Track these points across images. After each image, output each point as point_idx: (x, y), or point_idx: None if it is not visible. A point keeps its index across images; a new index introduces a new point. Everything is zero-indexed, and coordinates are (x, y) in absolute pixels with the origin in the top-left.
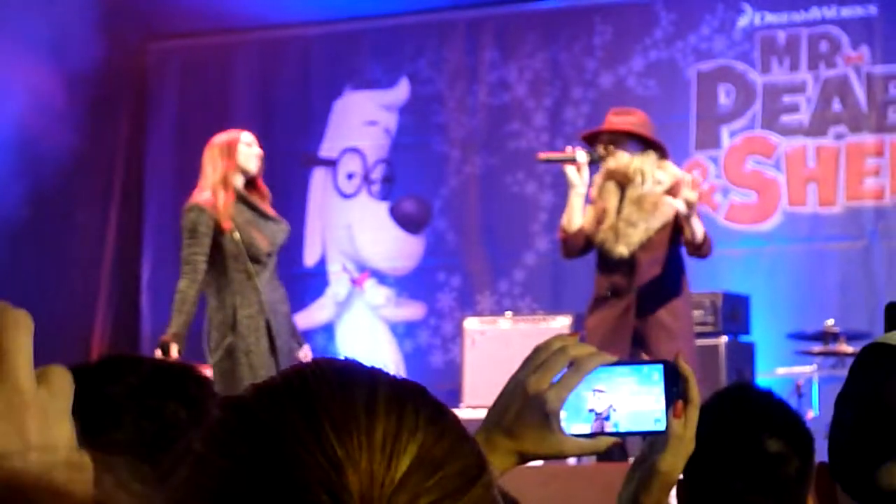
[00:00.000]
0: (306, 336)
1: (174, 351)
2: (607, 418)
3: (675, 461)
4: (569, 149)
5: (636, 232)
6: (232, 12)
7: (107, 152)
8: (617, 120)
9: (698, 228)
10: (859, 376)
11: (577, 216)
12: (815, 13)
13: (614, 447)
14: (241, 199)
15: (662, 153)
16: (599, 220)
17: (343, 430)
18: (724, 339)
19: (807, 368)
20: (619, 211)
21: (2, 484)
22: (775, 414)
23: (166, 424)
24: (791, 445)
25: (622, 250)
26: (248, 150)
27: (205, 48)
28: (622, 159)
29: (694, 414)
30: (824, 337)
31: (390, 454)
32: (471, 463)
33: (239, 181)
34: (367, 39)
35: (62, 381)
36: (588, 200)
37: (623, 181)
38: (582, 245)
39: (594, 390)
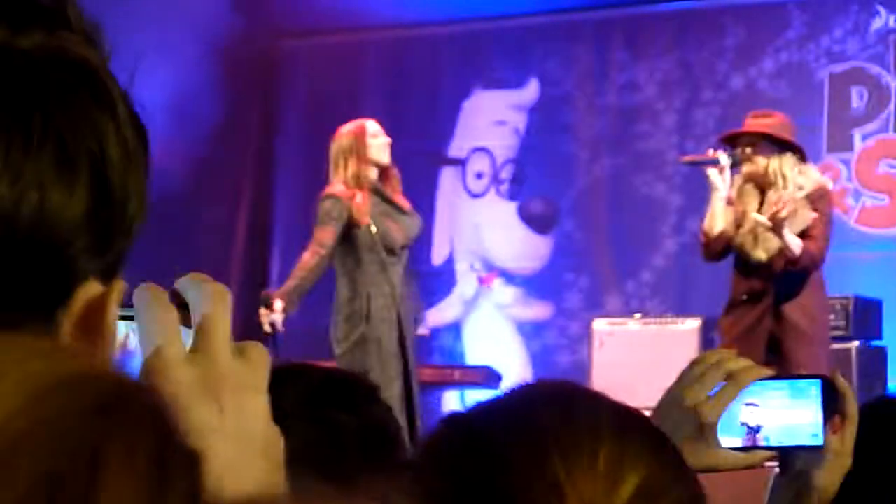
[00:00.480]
0: (434, 334)
1: (277, 305)
2: (758, 431)
3: (832, 478)
4: (710, 151)
5: (776, 237)
6: (361, 11)
7: (238, 150)
8: (755, 122)
9: (792, 242)
10: None
11: (719, 220)
12: None
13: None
14: (375, 191)
15: (802, 156)
16: (739, 223)
17: (567, 453)
18: (855, 343)
19: None
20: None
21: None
22: None
23: (337, 433)
24: None
25: (761, 255)
26: (376, 142)
27: (334, 46)
28: (761, 162)
29: (852, 430)
30: None
31: (613, 481)
32: (690, 494)
33: (373, 174)
34: (496, 39)
35: (260, 356)
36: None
37: (763, 184)
38: (722, 248)
39: (747, 403)
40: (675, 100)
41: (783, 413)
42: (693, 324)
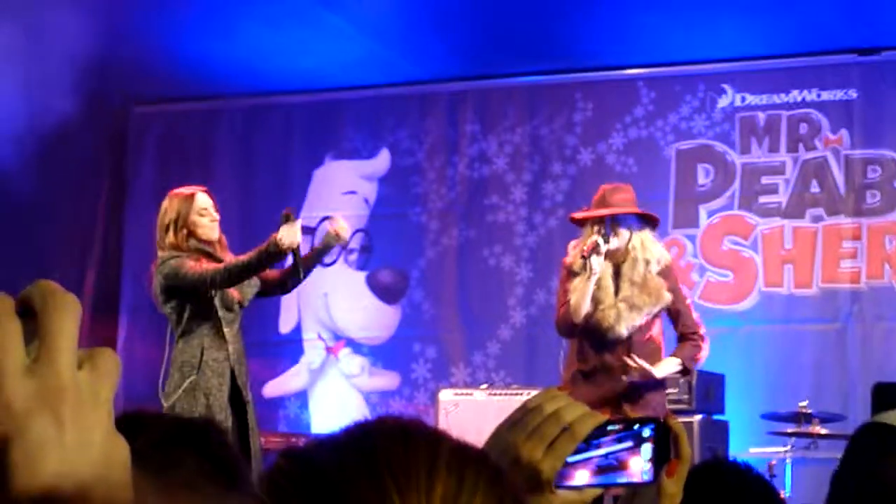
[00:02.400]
0: (280, 403)
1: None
2: (596, 469)
3: None
4: (593, 238)
5: (639, 316)
6: (216, 79)
7: (87, 213)
8: (618, 199)
9: (671, 370)
10: (856, 454)
11: (587, 302)
12: (795, 96)
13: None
14: (205, 253)
15: (654, 226)
16: (597, 299)
17: (404, 487)
18: (698, 417)
19: (780, 449)
20: (616, 290)
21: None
22: (749, 492)
23: (189, 477)
24: None
25: (622, 331)
26: (205, 221)
27: (188, 113)
28: (624, 238)
29: (685, 471)
30: (798, 418)
31: None
32: None
33: (204, 247)
34: (348, 109)
35: (107, 364)
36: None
37: (618, 259)
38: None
39: (584, 444)
40: (524, 173)
41: (619, 453)
42: None
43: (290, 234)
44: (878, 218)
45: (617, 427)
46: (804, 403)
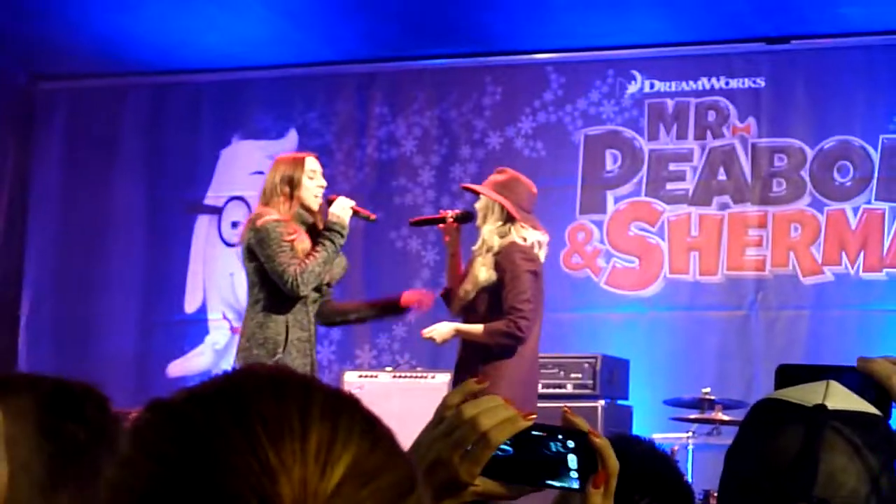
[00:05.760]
0: (184, 383)
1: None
2: (524, 469)
3: None
4: (442, 211)
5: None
6: (122, 56)
7: None
8: (489, 179)
9: (473, 331)
10: (750, 430)
11: (449, 277)
12: (703, 83)
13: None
14: (307, 226)
15: (510, 216)
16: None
17: (277, 436)
18: (601, 402)
19: (683, 435)
20: None
21: None
22: (651, 471)
23: (65, 444)
24: None
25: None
26: (312, 185)
27: (94, 90)
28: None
29: (613, 484)
30: (700, 404)
31: (324, 463)
32: (404, 475)
33: (304, 215)
34: (257, 89)
35: None
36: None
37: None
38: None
39: (510, 444)
40: (433, 156)
41: (543, 457)
42: (443, 378)
43: (339, 208)
44: (784, 206)
45: (541, 434)
46: (707, 390)
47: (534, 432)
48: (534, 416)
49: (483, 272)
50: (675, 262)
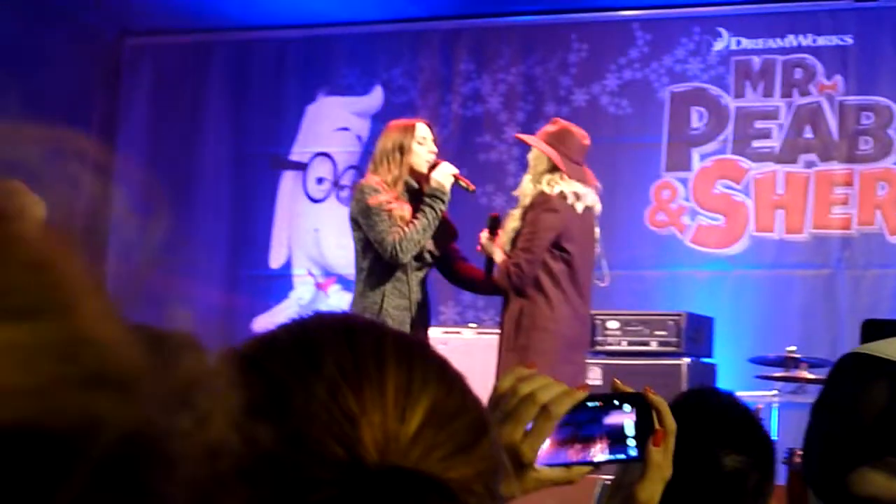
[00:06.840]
0: None
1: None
2: (581, 446)
3: (654, 488)
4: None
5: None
6: (208, 12)
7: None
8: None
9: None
10: (837, 384)
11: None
12: (790, 41)
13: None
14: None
15: (553, 166)
16: None
17: (355, 383)
18: (686, 360)
19: (767, 393)
20: None
21: None
22: (733, 426)
23: None
24: (749, 459)
25: None
26: (422, 150)
27: (180, 46)
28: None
29: (671, 442)
30: (785, 363)
31: (403, 407)
32: (478, 417)
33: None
34: (342, 45)
35: None
36: None
37: None
38: None
39: (563, 423)
40: (518, 112)
41: (602, 428)
42: None
43: (441, 175)
44: (871, 165)
45: (597, 404)
46: (792, 348)
47: (589, 403)
48: (588, 387)
49: (511, 222)
50: (761, 220)
